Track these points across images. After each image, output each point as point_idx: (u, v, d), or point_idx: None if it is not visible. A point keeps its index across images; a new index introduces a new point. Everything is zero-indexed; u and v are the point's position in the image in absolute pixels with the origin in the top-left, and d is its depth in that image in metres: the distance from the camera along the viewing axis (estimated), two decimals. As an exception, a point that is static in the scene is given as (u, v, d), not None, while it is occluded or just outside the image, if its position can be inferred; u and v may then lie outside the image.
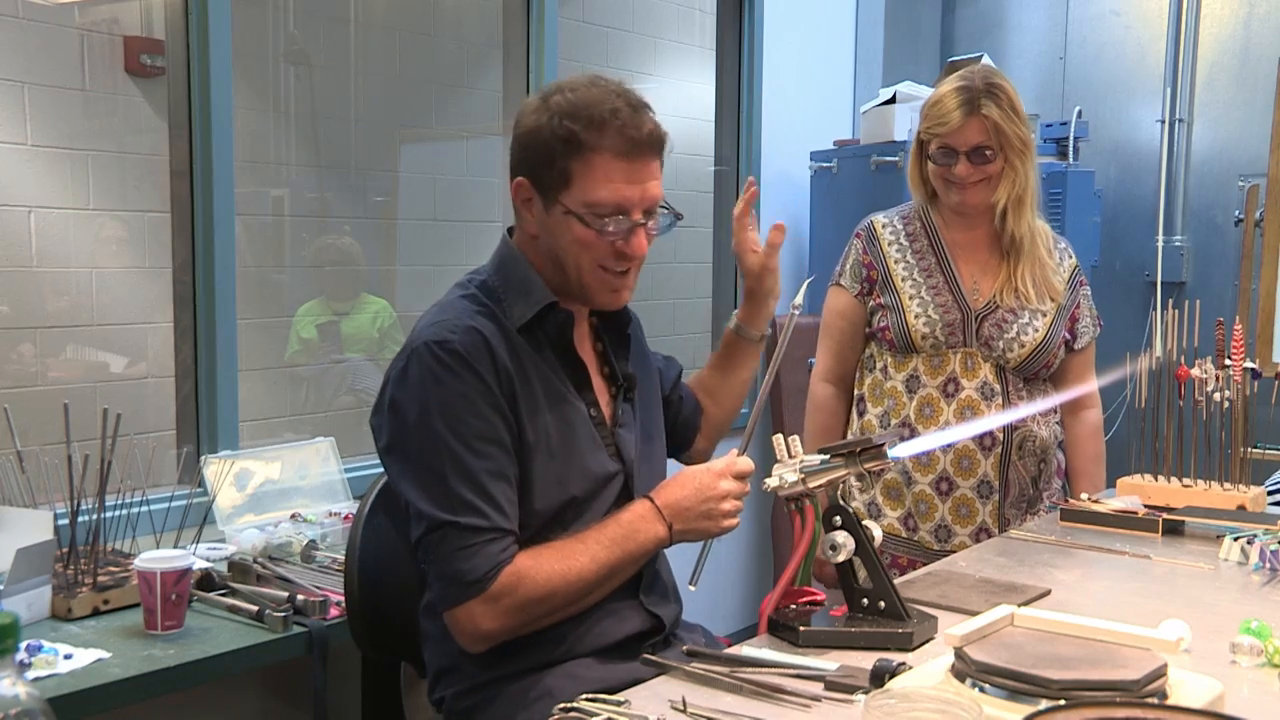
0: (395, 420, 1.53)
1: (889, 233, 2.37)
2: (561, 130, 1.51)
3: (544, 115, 1.53)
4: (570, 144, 1.51)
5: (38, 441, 2.16)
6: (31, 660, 1.78)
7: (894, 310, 2.30)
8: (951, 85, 2.22)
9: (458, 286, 1.64)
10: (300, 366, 3.44)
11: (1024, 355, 2.25)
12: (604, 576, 1.53)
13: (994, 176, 2.22)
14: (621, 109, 1.52)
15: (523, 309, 1.58)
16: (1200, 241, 4.47)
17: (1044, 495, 2.33)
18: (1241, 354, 2.16)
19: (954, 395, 2.26)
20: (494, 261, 1.66)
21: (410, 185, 3.72)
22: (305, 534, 2.46)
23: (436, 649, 1.61)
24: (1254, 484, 2.18)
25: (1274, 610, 1.62)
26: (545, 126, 1.53)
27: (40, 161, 2.70)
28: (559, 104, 1.53)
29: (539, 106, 1.55)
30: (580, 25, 4.03)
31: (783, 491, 1.55)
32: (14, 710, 0.75)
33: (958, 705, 1.01)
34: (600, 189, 1.52)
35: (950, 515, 2.27)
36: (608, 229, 1.53)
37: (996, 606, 1.37)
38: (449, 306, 1.59)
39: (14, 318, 2.67)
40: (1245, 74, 4.35)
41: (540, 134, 1.53)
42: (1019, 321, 2.26)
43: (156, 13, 2.84)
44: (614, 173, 1.52)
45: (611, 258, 1.56)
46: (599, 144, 1.50)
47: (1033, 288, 2.28)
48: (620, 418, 1.68)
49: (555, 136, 1.52)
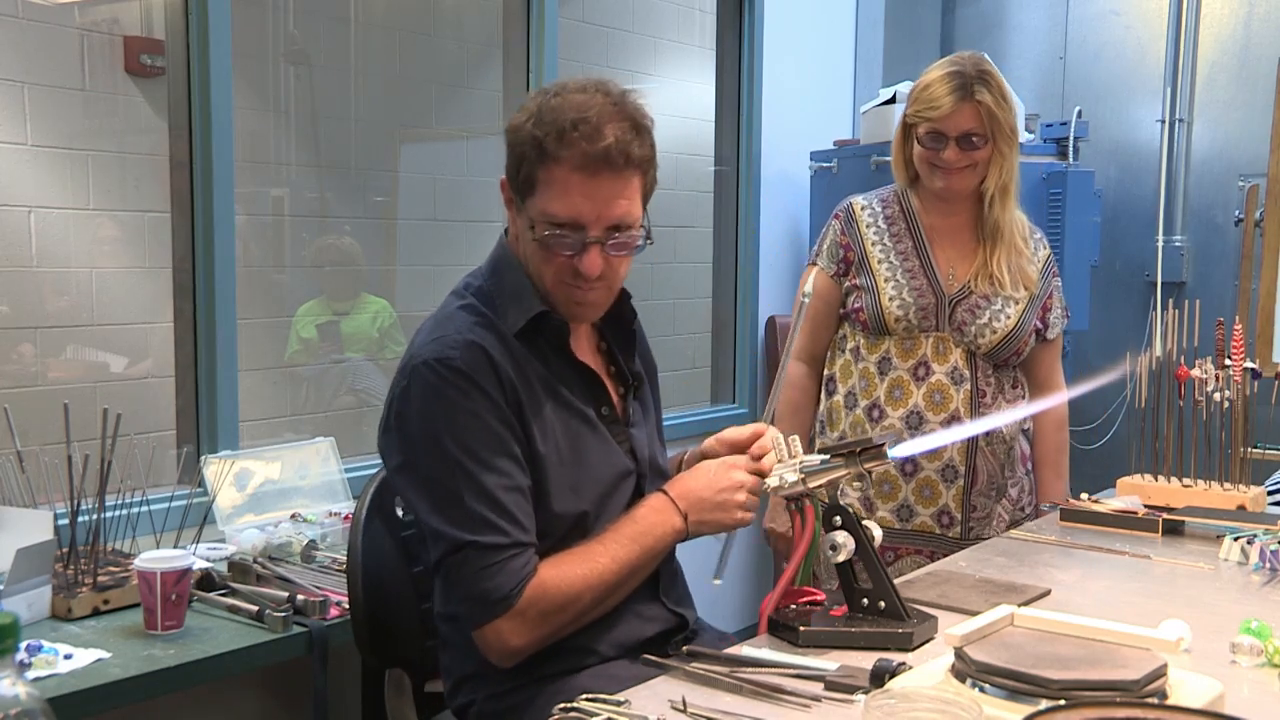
0: (404, 440, 1.52)
1: (867, 215, 2.38)
2: (532, 135, 1.48)
3: (525, 116, 1.51)
4: (537, 150, 1.48)
5: (38, 441, 2.16)
6: (31, 660, 1.78)
7: (868, 292, 2.31)
8: (942, 70, 2.23)
9: (455, 295, 1.62)
10: (300, 366, 3.44)
11: (995, 342, 2.27)
12: (626, 575, 1.52)
13: (980, 163, 2.24)
14: (590, 120, 1.47)
15: (516, 316, 1.56)
16: (1200, 241, 4.47)
17: (1009, 485, 2.34)
18: (1241, 354, 2.16)
19: (924, 379, 2.28)
20: (489, 264, 1.64)
21: (410, 185, 3.72)
22: (305, 534, 2.46)
23: (458, 656, 1.59)
24: (1254, 484, 2.18)
25: (1274, 610, 1.62)
26: (522, 128, 1.51)
27: (40, 161, 2.70)
28: (541, 106, 1.50)
29: (528, 105, 1.53)
30: (580, 25, 4.03)
31: (783, 491, 1.55)
32: (14, 710, 0.75)
33: (958, 705, 1.01)
34: (555, 201, 1.49)
35: (913, 496, 2.30)
36: (563, 243, 1.50)
37: (996, 606, 1.37)
38: (447, 320, 1.57)
39: (14, 318, 2.67)
40: (1245, 74, 4.35)
41: (518, 134, 1.51)
42: (992, 308, 2.27)
43: (156, 13, 2.84)
44: (572, 186, 1.48)
45: (568, 273, 1.52)
46: (559, 154, 1.47)
47: (1008, 275, 2.29)
48: (632, 416, 1.67)
49: (527, 140, 1.49)
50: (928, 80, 2.24)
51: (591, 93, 1.51)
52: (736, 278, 4.29)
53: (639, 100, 1.56)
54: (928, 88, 2.23)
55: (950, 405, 2.27)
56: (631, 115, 1.51)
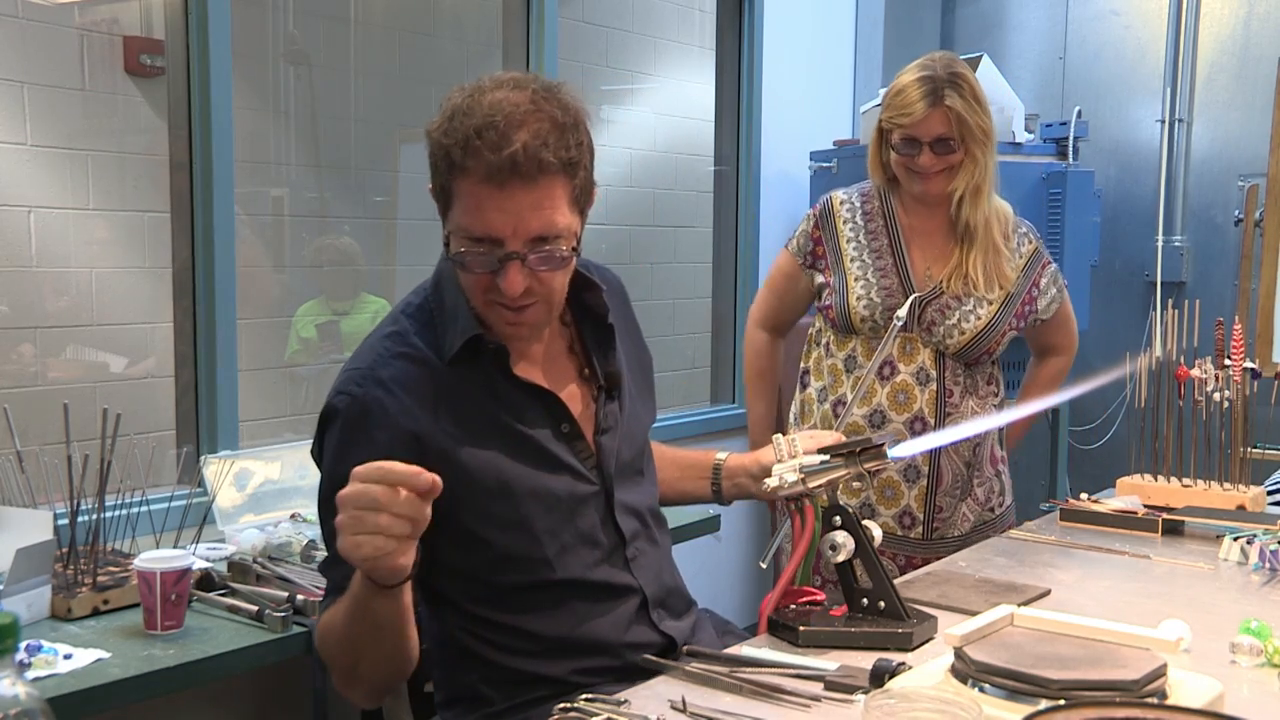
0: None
1: (846, 209, 2.38)
2: (440, 144, 1.38)
3: (439, 120, 1.39)
4: (446, 161, 1.37)
5: (37, 441, 2.16)
6: (31, 660, 1.77)
7: (837, 291, 2.32)
8: (914, 75, 2.23)
9: (391, 316, 1.53)
10: (300, 366, 3.44)
11: (964, 342, 2.26)
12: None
13: (956, 166, 2.23)
14: (498, 125, 1.33)
15: (452, 338, 1.46)
16: (1200, 241, 4.47)
17: (976, 485, 2.34)
18: (1241, 354, 2.16)
19: (889, 378, 2.28)
20: (433, 279, 1.54)
21: (409, 185, 3.72)
22: (305, 534, 2.46)
23: (445, 677, 1.58)
24: (1254, 484, 2.18)
25: (1274, 610, 1.62)
26: (434, 134, 1.39)
27: (40, 161, 2.70)
28: (455, 110, 1.38)
29: (444, 106, 1.40)
30: (580, 25, 4.03)
31: (783, 491, 1.54)
32: (14, 710, 0.75)
33: (957, 705, 1.01)
34: (467, 216, 1.37)
35: (875, 495, 2.31)
36: (480, 260, 1.38)
37: (996, 606, 1.37)
38: (367, 351, 1.49)
39: (14, 317, 2.67)
40: (1245, 74, 4.35)
41: (431, 142, 1.40)
42: (962, 308, 2.27)
43: (156, 13, 2.84)
44: (482, 199, 1.35)
45: (494, 292, 1.40)
46: (466, 165, 1.35)
47: (982, 275, 2.28)
48: (603, 422, 1.57)
49: (438, 149, 1.38)
50: (900, 85, 2.24)
51: (509, 89, 1.37)
52: (736, 277, 4.29)
53: (569, 94, 1.42)
54: (900, 93, 2.23)
55: (914, 405, 2.26)
56: (551, 113, 1.37)
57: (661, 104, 4.34)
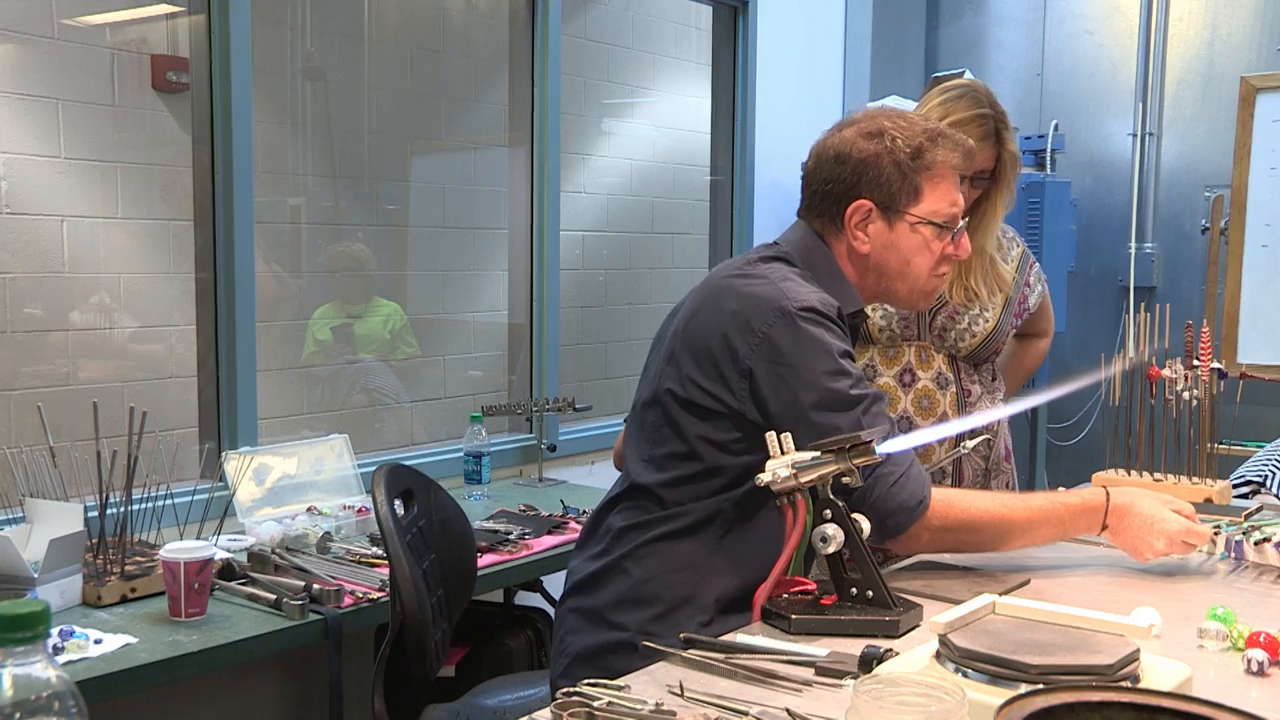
0: (789, 375, 1.60)
1: None
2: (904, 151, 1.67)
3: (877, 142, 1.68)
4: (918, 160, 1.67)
5: (69, 438, 2.16)
6: (64, 645, 1.78)
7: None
8: (970, 112, 2.11)
9: (775, 263, 1.70)
10: (316, 367, 3.44)
11: (975, 345, 2.26)
12: (1028, 529, 1.68)
13: (980, 196, 2.20)
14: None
15: (843, 299, 1.68)
16: (1170, 248, 4.47)
17: (992, 481, 2.33)
18: (1209, 355, 2.16)
19: (910, 385, 2.26)
20: (797, 248, 1.73)
21: (420, 194, 3.71)
22: (321, 526, 2.46)
23: (580, 637, 1.66)
24: (1220, 478, 2.18)
25: (1239, 596, 1.62)
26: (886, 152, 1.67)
27: (72, 173, 2.70)
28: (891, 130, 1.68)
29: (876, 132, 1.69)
30: (583, 42, 4.03)
31: (775, 486, 1.54)
32: (45, 692, 0.74)
33: (942, 689, 1.01)
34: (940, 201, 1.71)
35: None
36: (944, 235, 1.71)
37: (979, 595, 1.37)
38: (790, 279, 1.64)
39: (47, 320, 2.67)
40: (1210, 91, 4.36)
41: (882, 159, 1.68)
42: (970, 314, 2.26)
43: (182, 32, 2.84)
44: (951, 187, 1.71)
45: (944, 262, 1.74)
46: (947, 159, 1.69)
47: (984, 286, 2.27)
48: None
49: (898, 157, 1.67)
50: (957, 120, 2.09)
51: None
52: (731, 282, 4.28)
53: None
54: (961, 128, 2.03)
55: (938, 409, 2.25)
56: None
57: (660, 117, 4.34)
